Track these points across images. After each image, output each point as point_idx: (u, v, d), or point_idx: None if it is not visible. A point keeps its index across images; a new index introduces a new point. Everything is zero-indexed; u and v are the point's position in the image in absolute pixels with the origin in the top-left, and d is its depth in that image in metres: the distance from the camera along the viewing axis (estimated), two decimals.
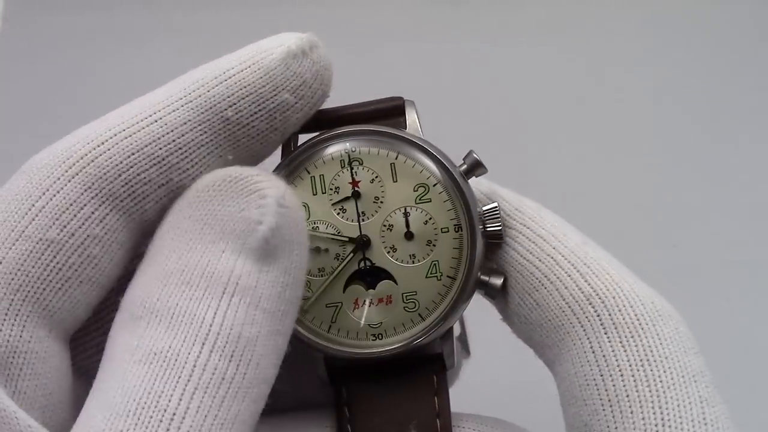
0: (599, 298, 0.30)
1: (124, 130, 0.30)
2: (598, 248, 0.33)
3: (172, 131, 0.30)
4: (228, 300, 0.26)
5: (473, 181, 0.34)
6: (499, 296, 0.33)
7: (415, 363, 0.34)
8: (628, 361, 0.28)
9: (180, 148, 0.30)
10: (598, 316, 0.29)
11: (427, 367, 0.34)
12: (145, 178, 0.30)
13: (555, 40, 0.80)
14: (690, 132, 0.75)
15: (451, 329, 0.34)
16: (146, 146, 0.30)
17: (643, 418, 0.26)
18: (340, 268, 0.33)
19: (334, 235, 0.33)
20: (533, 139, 0.74)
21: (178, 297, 0.27)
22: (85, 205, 0.29)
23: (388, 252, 0.33)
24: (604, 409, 0.27)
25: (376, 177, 0.34)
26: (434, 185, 0.33)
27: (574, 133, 0.75)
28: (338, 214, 0.34)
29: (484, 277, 0.33)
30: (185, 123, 0.30)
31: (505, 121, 0.74)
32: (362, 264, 0.33)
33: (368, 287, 0.33)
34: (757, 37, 0.80)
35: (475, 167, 0.34)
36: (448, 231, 0.33)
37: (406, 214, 0.33)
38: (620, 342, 0.28)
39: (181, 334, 0.26)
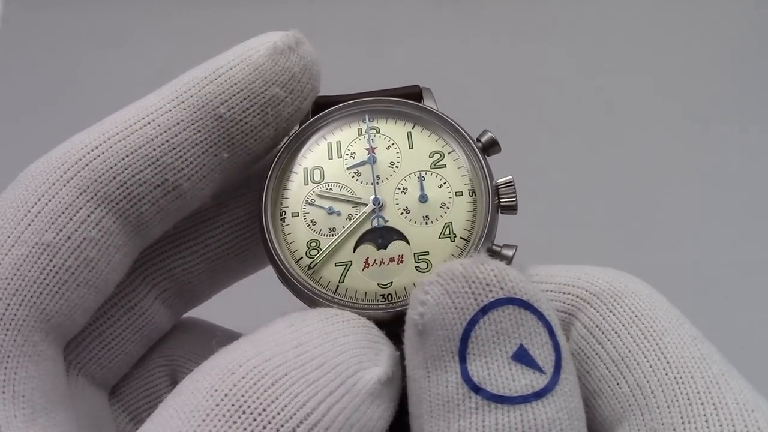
0: (571, 287, 0.31)
1: (118, 133, 0.30)
2: None
3: (165, 132, 0.31)
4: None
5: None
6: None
7: None
8: (620, 321, 0.28)
9: (174, 148, 0.31)
10: (577, 296, 0.30)
11: None
12: (140, 179, 0.30)
13: (554, 39, 0.80)
14: (690, 132, 0.75)
15: None
16: (140, 148, 0.30)
17: (650, 366, 0.27)
18: (352, 226, 0.33)
19: (347, 196, 0.34)
20: (531, 139, 0.74)
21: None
22: (80, 208, 0.29)
23: (402, 213, 0.34)
24: (609, 371, 0.28)
25: (393, 144, 0.35)
26: (449, 153, 0.34)
27: (573, 133, 0.75)
28: (353, 177, 0.34)
29: (497, 247, 0.33)
30: (178, 123, 0.31)
31: (503, 121, 0.74)
32: (375, 222, 0.34)
33: (379, 248, 0.33)
34: (757, 38, 0.80)
35: (491, 145, 0.35)
36: (462, 194, 0.34)
37: (420, 179, 0.34)
38: (607, 308, 0.29)
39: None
